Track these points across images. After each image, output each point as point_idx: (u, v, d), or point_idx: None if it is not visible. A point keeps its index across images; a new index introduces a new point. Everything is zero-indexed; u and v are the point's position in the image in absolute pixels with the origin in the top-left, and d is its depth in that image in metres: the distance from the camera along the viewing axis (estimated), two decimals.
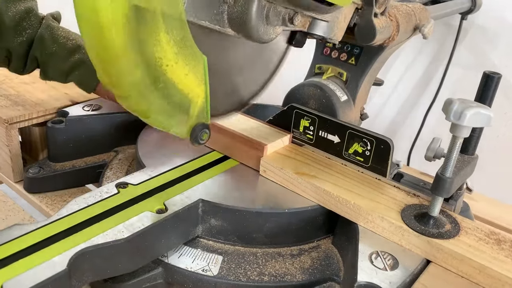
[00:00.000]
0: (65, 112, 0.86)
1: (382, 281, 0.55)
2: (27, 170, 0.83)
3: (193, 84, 0.57)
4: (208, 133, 0.61)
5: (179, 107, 0.57)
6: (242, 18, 0.61)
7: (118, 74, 0.50)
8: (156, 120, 0.57)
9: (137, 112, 0.55)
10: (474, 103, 0.56)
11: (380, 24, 0.78)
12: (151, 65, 0.52)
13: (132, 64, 0.51)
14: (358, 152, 0.72)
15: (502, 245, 0.59)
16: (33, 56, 0.84)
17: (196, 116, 0.60)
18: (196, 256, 0.64)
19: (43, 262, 0.52)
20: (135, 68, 0.51)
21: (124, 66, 0.50)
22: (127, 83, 0.51)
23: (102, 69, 0.51)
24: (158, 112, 0.56)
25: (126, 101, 0.54)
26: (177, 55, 0.55)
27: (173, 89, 0.56)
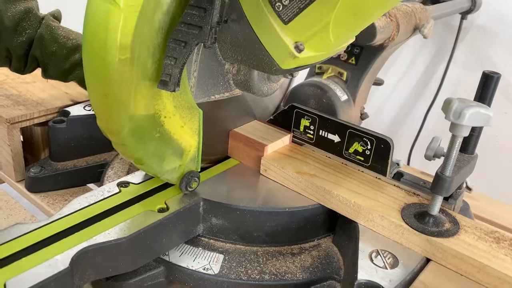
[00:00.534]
0: (66, 112, 0.87)
1: (382, 279, 0.55)
2: (28, 170, 0.83)
3: (187, 135, 0.61)
4: (198, 181, 0.66)
5: (172, 155, 0.61)
6: (247, 83, 0.67)
7: (118, 124, 0.53)
8: (149, 167, 0.60)
9: (132, 158, 0.59)
10: (473, 103, 0.56)
11: (380, 24, 0.78)
12: (150, 117, 0.56)
13: (132, 115, 0.53)
14: (358, 152, 0.72)
15: (501, 244, 0.59)
16: (33, 56, 0.84)
17: (188, 164, 0.63)
18: (197, 255, 0.64)
19: (46, 260, 0.52)
20: (134, 118, 0.54)
21: (124, 116, 0.53)
22: (125, 132, 0.54)
23: (103, 118, 0.54)
24: (152, 160, 0.59)
25: (122, 148, 0.57)
26: (176, 108, 0.58)
27: (168, 138, 0.59)
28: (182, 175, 0.64)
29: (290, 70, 0.59)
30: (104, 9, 0.47)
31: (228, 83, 0.67)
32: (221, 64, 0.64)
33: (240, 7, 0.54)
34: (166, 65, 0.52)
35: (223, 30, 0.57)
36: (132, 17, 0.48)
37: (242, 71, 0.66)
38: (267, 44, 0.55)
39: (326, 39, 0.55)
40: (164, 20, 0.52)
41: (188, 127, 0.61)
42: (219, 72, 0.65)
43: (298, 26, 0.53)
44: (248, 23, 0.55)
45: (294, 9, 0.52)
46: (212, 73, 0.64)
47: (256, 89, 0.67)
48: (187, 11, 0.52)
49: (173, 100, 0.58)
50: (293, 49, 0.55)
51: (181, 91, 0.58)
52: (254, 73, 0.66)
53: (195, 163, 0.65)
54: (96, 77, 0.50)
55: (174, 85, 0.52)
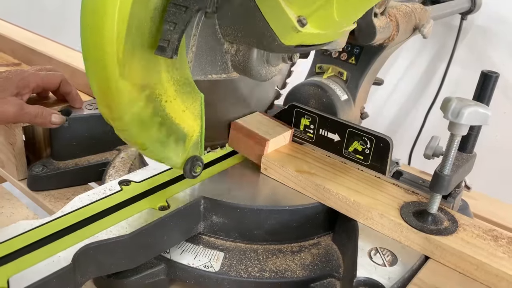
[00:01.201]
0: (68, 111, 0.87)
1: (381, 276, 0.56)
2: (30, 168, 0.83)
3: (189, 119, 0.60)
4: (201, 166, 0.64)
5: (175, 140, 0.60)
6: (245, 65, 0.65)
7: (119, 110, 0.52)
8: (152, 152, 0.59)
9: (135, 144, 0.58)
10: (472, 102, 0.56)
11: (380, 24, 0.79)
12: (151, 101, 0.55)
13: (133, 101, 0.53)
14: (358, 150, 0.73)
15: (499, 242, 0.60)
16: None
17: (191, 149, 0.62)
18: (198, 253, 0.65)
19: (48, 257, 0.53)
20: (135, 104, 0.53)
21: (125, 102, 0.52)
22: (127, 118, 0.53)
23: (104, 103, 0.53)
24: (155, 145, 0.58)
25: (125, 134, 0.56)
26: (176, 92, 0.57)
27: (170, 123, 0.58)
28: (185, 160, 0.62)
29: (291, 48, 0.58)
30: None
31: (226, 64, 0.66)
32: (220, 43, 0.63)
33: None
34: (165, 31, 0.50)
35: (224, 4, 0.56)
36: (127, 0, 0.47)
37: (241, 52, 0.64)
38: (269, 17, 0.54)
39: (330, 16, 0.54)
40: None
41: (190, 112, 0.60)
42: (218, 50, 0.64)
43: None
44: None
45: None
46: (211, 51, 0.63)
47: (254, 71, 0.65)
48: None
49: (174, 84, 0.57)
50: (296, 23, 0.54)
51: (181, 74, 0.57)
52: (253, 53, 0.64)
53: (198, 148, 0.64)
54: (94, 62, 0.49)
55: (172, 52, 0.50)
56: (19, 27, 1.34)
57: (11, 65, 1.08)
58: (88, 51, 0.49)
